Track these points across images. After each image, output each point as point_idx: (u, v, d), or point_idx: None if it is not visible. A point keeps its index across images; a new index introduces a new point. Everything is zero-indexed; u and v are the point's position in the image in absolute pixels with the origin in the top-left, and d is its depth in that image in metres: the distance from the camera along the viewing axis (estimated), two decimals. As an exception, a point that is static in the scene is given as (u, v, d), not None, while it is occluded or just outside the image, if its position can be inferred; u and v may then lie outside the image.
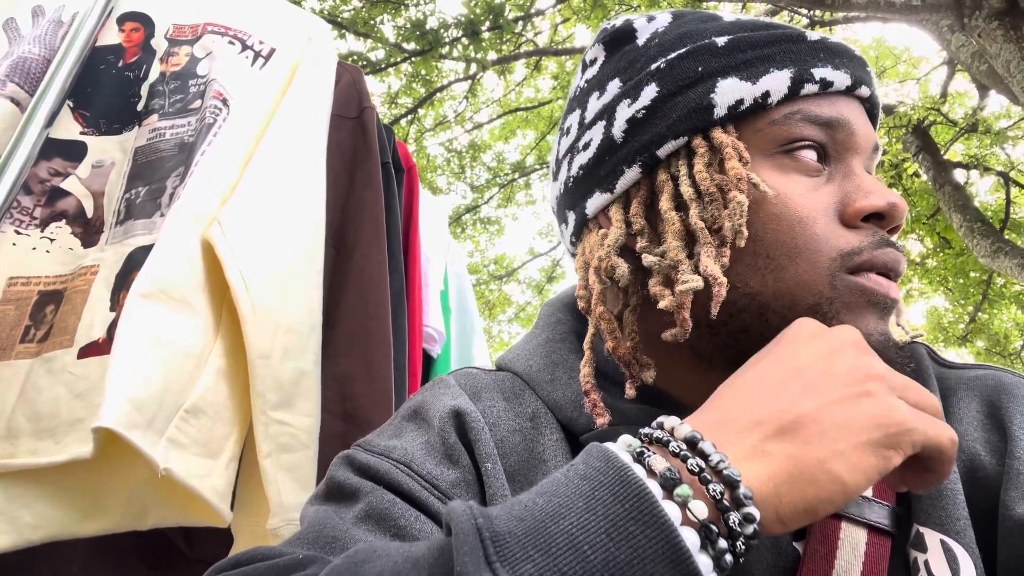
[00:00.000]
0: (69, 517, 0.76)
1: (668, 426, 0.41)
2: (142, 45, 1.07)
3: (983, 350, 7.45)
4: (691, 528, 0.35)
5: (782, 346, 0.45)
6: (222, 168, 0.91)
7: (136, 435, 0.69)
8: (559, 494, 0.37)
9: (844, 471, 0.37)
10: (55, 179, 0.95)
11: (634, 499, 0.35)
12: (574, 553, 0.33)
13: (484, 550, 0.34)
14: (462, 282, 1.71)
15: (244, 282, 0.83)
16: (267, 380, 0.82)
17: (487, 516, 0.36)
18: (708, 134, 0.54)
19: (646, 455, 0.38)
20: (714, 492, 0.36)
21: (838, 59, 0.55)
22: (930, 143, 5.86)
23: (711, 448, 0.38)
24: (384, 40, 6.26)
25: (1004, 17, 3.65)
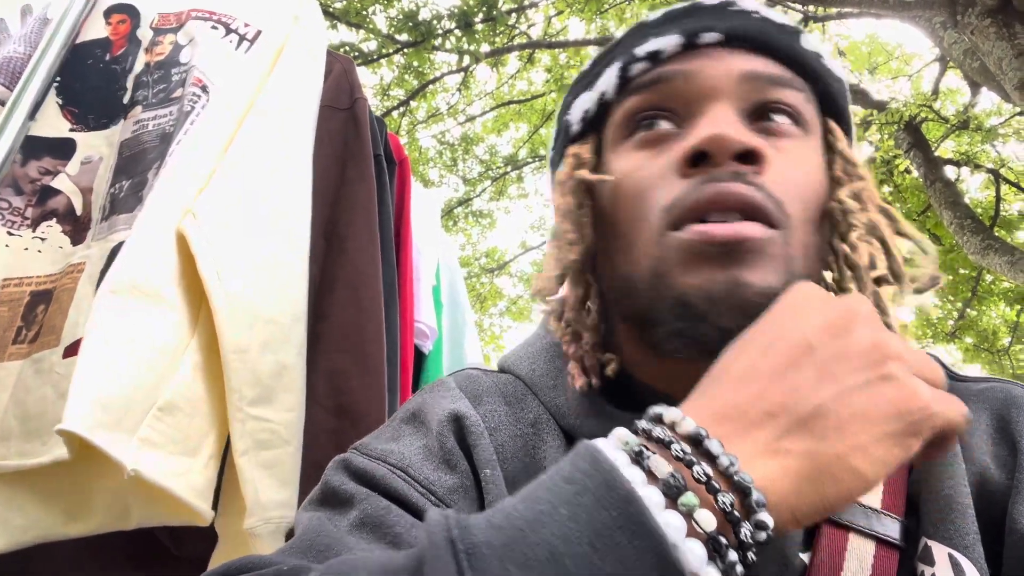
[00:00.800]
0: (56, 518, 0.75)
1: (668, 420, 0.38)
2: (128, 36, 1.05)
3: (971, 346, 7.50)
4: (697, 540, 0.33)
5: (785, 318, 0.42)
6: (198, 156, 0.88)
7: (101, 436, 0.67)
8: (542, 500, 0.34)
9: (865, 466, 0.35)
10: (45, 178, 0.94)
11: (621, 505, 0.32)
12: (554, 567, 0.31)
13: (457, 564, 0.31)
14: (454, 276, 1.69)
15: (217, 273, 0.80)
16: (243, 375, 0.79)
17: (464, 526, 0.33)
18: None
19: (645, 456, 0.35)
20: (723, 503, 0.34)
21: (670, 25, 0.57)
22: (921, 140, 5.88)
23: (719, 449, 0.35)
24: (376, 31, 6.22)
25: (997, 14, 3.65)
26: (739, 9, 0.56)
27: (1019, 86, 3.57)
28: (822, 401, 0.37)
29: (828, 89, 0.57)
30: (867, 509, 0.47)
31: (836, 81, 0.58)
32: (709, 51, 0.54)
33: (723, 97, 0.52)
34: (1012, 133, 6.02)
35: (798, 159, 0.52)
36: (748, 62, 0.54)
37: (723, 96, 0.53)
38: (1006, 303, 7.19)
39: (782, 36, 0.56)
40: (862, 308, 0.41)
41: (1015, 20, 3.59)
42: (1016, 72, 3.57)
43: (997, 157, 6.54)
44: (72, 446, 0.69)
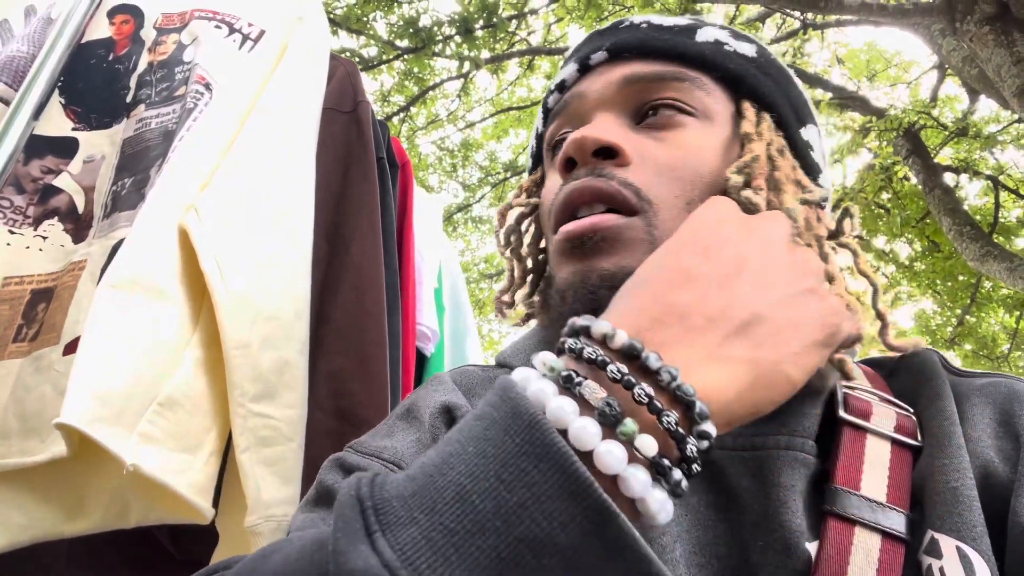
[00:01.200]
0: (54, 517, 0.74)
1: (597, 333, 0.36)
2: (132, 36, 1.05)
3: (970, 353, 7.50)
4: (639, 465, 0.32)
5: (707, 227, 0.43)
6: (201, 153, 0.88)
7: (100, 430, 0.67)
8: (452, 441, 0.33)
9: (795, 372, 0.37)
10: (47, 176, 0.94)
11: (525, 431, 0.31)
12: (462, 504, 0.30)
13: (364, 520, 0.30)
14: (456, 279, 1.69)
15: (219, 269, 0.80)
16: (245, 370, 0.79)
17: (378, 483, 0.32)
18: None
19: (575, 381, 0.34)
20: (668, 423, 0.33)
21: (574, 55, 0.63)
22: (920, 147, 5.89)
23: (658, 363, 0.34)
24: (377, 37, 6.23)
25: (995, 22, 3.67)
26: (628, 25, 0.62)
27: (1018, 93, 3.58)
28: (759, 309, 0.38)
29: (730, 72, 0.59)
30: (872, 502, 0.46)
31: (745, 61, 0.60)
32: (598, 70, 0.60)
33: (606, 105, 0.58)
34: (1011, 140, 6.04)
35: (680, 143, 0.55)
36: (629, 68, 0.58)
37: (606, 104, 0.58)
38: (1005, 310, 7.19)
39: (667, 36, 0.59)
40: (783, 223, 0.44)
41: (1013, 27, 3.61)
42: (1015, 79, 3.58)
43: (996, 164, 6.56)
44: (71, 441, 0.69)
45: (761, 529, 0.46)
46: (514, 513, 0.29)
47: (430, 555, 0.29)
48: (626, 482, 0.32)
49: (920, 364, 0.57)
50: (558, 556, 0.29)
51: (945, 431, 0.48)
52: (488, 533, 0.29)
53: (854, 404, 0.52)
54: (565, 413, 0.32)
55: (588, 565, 0.29)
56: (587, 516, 0.29)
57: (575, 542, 0.29)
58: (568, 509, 0.29)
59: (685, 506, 0.48)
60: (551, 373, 0.35)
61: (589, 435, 0.32)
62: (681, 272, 0.40)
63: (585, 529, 0.29)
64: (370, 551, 0.29)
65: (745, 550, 0.46)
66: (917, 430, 0.51)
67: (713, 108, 0.57)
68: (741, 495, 0.48)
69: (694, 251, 0.41)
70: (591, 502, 0.29)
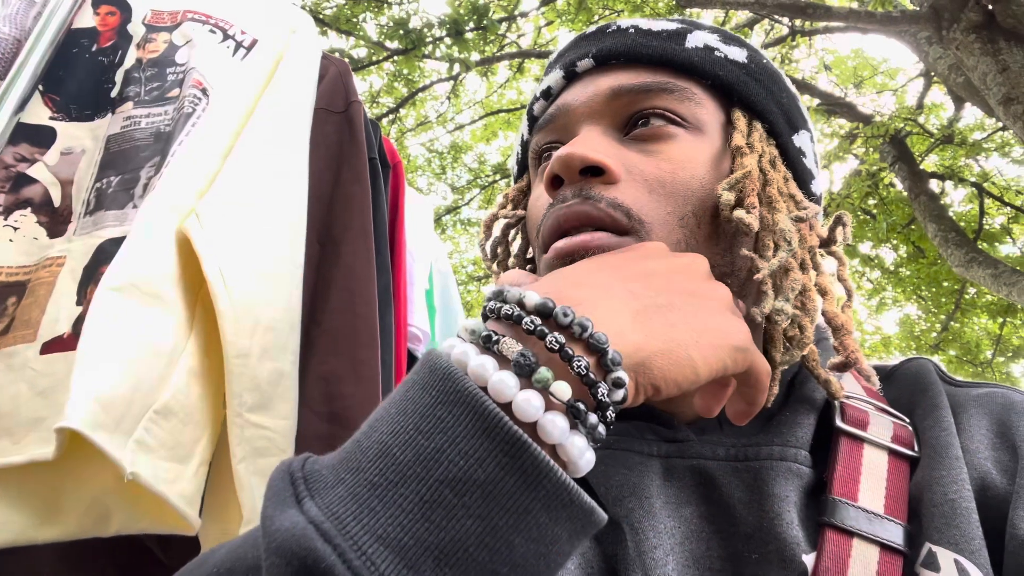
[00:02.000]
0: (26, 522, 0.72)
1: (513, 297, 0.38)
2: (117, 30, 1.03)
3: (954, 358, 7.57)
4: (557, 412, 0.33)
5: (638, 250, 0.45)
6: (201, 159, 0.87)
7: (102, 437, 0.65)
8: (378, 409, 0.35)
9: (701, 363, 0.38)
10: (20, 165, 0.90)
11: (440, 383, 0.33)
12: (384, 459, 0.31)
13: (294, 489, 0.32)
14: (447, 281, 1.68)
15: (222, 277, 0.79)
16: (244, 380, 0.78)
17: (312, 459, 0.34)
18: None
19: (494, 339, 0.35)
20: (579, 368, 0.34)
21: (559, 61, 0.62)
22: (906, 153, 5.95)
23: (569, 314, 0.36)
24: (366, 38, 6.21)
25: (981, 30, 3.71)
26: (615, 29, 0.60)
27: (1003, 101, 3.62)
28: (675, 302, 0.40)
29: (720, 79, 0.57)
30: (870, 514, 0.46)
31: (736, 68, 0.58)
32: (585, 78, 0.59)
33: (594, 118, 0.56)
34: (995, 148, 6.11)
35: (670, 158, 0.53)
36: (616, 79, 0.56)
37: (594, 117, 0.56)
38: (989, 316, 7.27)
39: (655, 43, 0.57)
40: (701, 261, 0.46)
41: (999, 36, 3.65)
42: (1000, 87, 3.62)
43: (980, 171, 6.64)
44: (61, 446, 0.67)
45: (755, 541, 0.45)
46: (432, 458, 0.30)
47: (355, 508, 0.30)
48: (544, 428, 0.33)
49: (915, 374, 0.56)
50: (478, 492, 0.30)
51: (943, 442, 0.48)
52: (410, 480, 0.30)
53: (851, 413, 0.52)
54: (484, 370, 0.34)
55: (507, 497, 0.30)
56: (501, 449, 0.31)
57: (492, 475, 0.30)
58: (483, 446, 0.31)
59: (678, 518, 0.48)
60: (472, 336, 0.37)
61: (507, 387, 0.33)
62: (606, 263, 0.43)
63: (501, 462, 0.30)
64: (297, 512, 0.30)
65: (739, 563, 0.45)
66: (914, 440, 0.51)
67: (703, 118, 0.56)
68: (734, 507, 0.47)
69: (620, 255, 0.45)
70: (503, 435, 0.31)
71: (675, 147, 0.54)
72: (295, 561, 0.29)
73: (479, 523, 0.30)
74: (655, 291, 0.40)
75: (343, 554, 0.29)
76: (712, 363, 0.39)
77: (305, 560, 0.29)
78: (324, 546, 0.29)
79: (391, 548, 0.29)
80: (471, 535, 0.30)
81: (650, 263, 0.43)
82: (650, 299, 0.40)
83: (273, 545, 0.29)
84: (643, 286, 0.40)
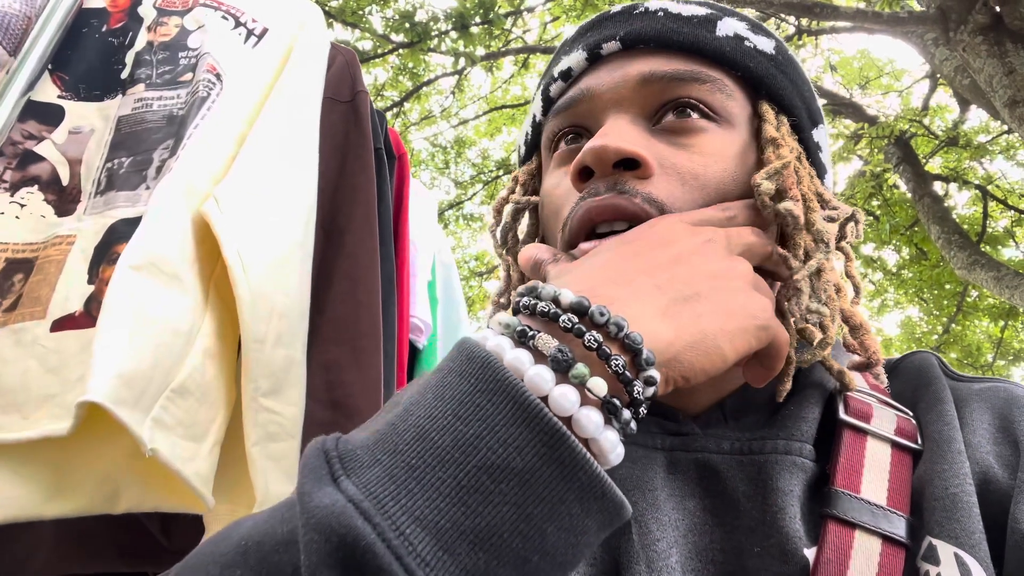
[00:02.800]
0: (33, 497, 0.72)
1: (547, 294, 0.38)
2: (128, 11, 1.03)
3: (955, 361, 7.57)
4: (592, 407, 0.34)
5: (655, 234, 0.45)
6: (217, 144, 0.87)
7: (124, 412, 0.66)
8: (413, 394, 0.35)
9: (728, 348, 0.39)
10: (28, 142, 0.91)
11: (479, 371, 0.33)
12: (422, 442, 0.31)
13: (330, 467, 0.32)
14: (449, 273, 1.68)
15: (242, 262, 0.80)
16: (260, 366, 0.79)
17: (344, 439, 0.34)
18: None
19: (530, 334, 0.36)
20: (616, 365, 0.35)
21: (579, 41, 0.59)
22: (911, 155, 5.94)
23: (605, 314, 0.36)
24: (372, 31, 6.21)
25: (988, 32, 3.70)
26: (642, 11, 0.57)
27: (1009, 103, 3.61)
28: (701, 289, 0.41)
29: (751, 71, 0.56)
30: (872, 506, 0.46)
31: (765, 59, 0.57)
32: (611, 61, 0.56)
33: (623, 105, 0.53)
34: (1000, 150, 6.10)
35: (703, 152, 0.52)
36: (647, 64, 0.54)
37: (623, 104, 0.53)
38: (990, 319, 7.27)
39: (686, 29, 0.55)
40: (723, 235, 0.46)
41: (1006, 38, 3.64)
42: (1006, 90, 3.61)
43: (985, 174, 6.63)
44: (77, 421, 0.67)
45: (758, 534, 0.45)
46: (471, 444, 0.31)
47: (393, 488, 0.30)
48: (579, 423, 0.33)
49: (918, 367, 0.56)
50: (515, 480, 0.31)
51: (945, 436, 0.48)
52: (448, 464, 0.31)
53: (855, 406, 0.51)
54: (521, 363, 0.34)
55: (544, 486, 0.31)
56: (540, 439, 0.31)
57: (530, 464, 0.31)
58: (522, 435, 0.31)
59: (682, 511, 0.48)
60: (507, 330, 0.37)
61: (543, 380, 0.33)
62: (628, 253, 0.43)
63: (539, 452, 0.31)
64: (335, 490, 0.31)
65: (741, 555, 0.45)
66: (917, 433, 0.51)
67: (733, 111, 0.54)
68: (739, 500, 0.47)
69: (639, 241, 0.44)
70: (543, 426, 0.31)
71: (707, 140, 0.52)
72: (334, 538, 0.29)
73: (514, 510, 0.30)
74: (681, 282, 0.41)
75: (382, 533, 0.29)
76: (739, 346, 0.40)
77: (345, 538, 0.29)
78: (364, 524, 0.29)
79: (428, 530, 0.29)
80: (506, 522, 0.30)
81: (672, 248, 0.43)
82: (676, 291, 0.40)
83: (312, 521, 0.30)
84: (669, 278, 0.41)
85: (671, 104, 0.53)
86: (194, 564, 0.35)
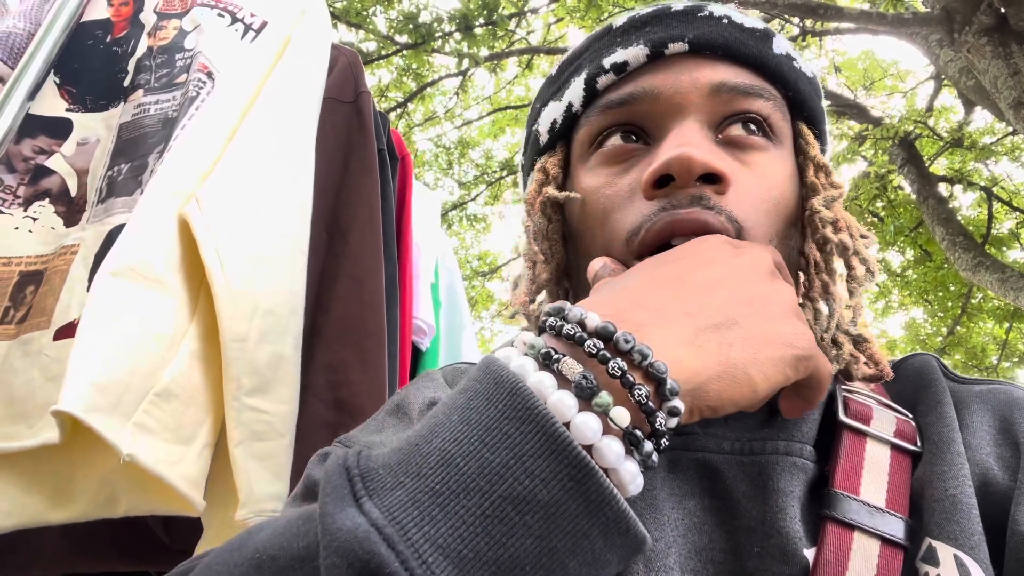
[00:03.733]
0: (38, 504, 0.73)
1: (574, 316, 0.37)
2: (131, 19, 1.04)
3: (960, 363, 7.55)
4: (614, 437, 0.33)
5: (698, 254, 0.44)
6: (203, 143, 0.87)
7: (98, 419, 0.66)
8: (438, 414, 0.35)
9: (759, 379, 0.37)
10: (39, 157, 0.92)
11: (507, 398, 0.32)
12: (446, 468, 0.31)
13: (351, 487, 0.31)
14: (452, 275, 1.69)
15: (220, 261, 0.79)
16: (241, 364, 0.78)
17: (365, 456, 0.34)
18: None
19: (554, 358, 0.35)
20: (639, 396, 0.34)
21: (636, 34, 0.55)
22: (915, 156, 5.92)
23: (630, 341, 0.35)
24: (376, 32, 6.21)
25: (993, 33, 3.69)
26: (707, 15, 0.55)
27: (1014, 105, 3.60)
28: (734, 316, 0.39)
29: (799, 93, 0.56)
30: (871, 507, 0.46)
31: (808, 83, 0.57)
32: (675, 62, 0.53)
33: (690, 112, 0.52)
34: (1005, 152, 6.08)
35: (766, 173, 0.52)
36: (716, 72, 0.52)
37: (690, 111, 0.52)
38: (995, 321, 7.25)
39: (751, 42, 0.54)
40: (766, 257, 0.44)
41: (1011, 39, 3.63)
42: (1011, 91, 3.60)
43: (990, 175, 6.61)
44: (64, 429, 0.67)
45: (758, 535, 0.45)
46: (497, 473, 0.30)
47: (416, 514, 0.30)
48: (600, 452, 0.33)
49: (919, 369, 0.56)
50: (540, 512, 0.30)
51: (945, 438, 0.48)
52: (472, 493, 0.30)
53: (854, 408, 0.52)
54: (544, 387, 0.34)
55: (568, 520, 0.30)
56: (568, 473, 0.30)
57: (556, 498, 0.30)
58: (549, 467, 0.30)
59: (681, 510, 0.48)
60: (531, 351, 0.36)
61: (566, 407, 0.33)
62: (664, 275, 0.42)
63: (566, 486, 0.30)
64: (357, 512, 0.30)
65: (740, 556, 0.45)
66: (917, 435, 0.51)
67: (784, 131, 0.55)
68: (739, 500, 0.47)
69: (678, 263, 0.43)
70: (571, 459, 0.31)
71: (767, 160, 0.52)
72: (356, 564, 0.29)
73: (538, 543, 0.30)
74: (714, 309, 0.39)
75: (405, 561, 0.29)
76: (772, 376, 0.38)
77: (368, 564, 0.29)
78: (387, 551, 0.29)
79: (450, 559, 0.29)
80: (529, 554, 0.30)
81: (711, 270, 0.42)
82: (707, 319, 0.39)
83: (334, 544, 0.29)
84: (701, 304, 0.39)
85: (738, 117, 0.53)
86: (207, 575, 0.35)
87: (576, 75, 0.57)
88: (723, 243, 0.45)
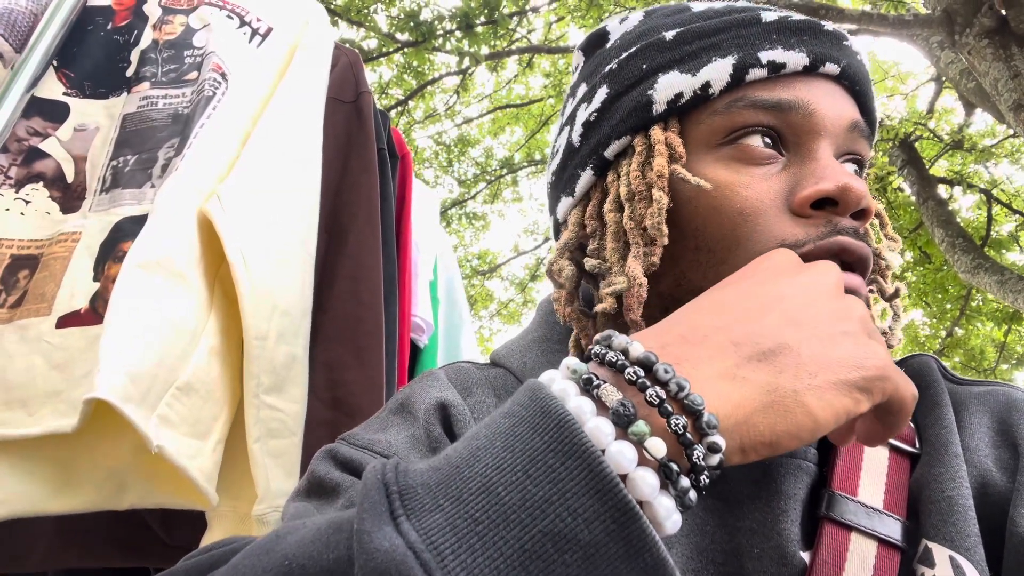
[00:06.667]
0: (38, 493, 0.72)
1: (619, 345, 0.37)
2: (133, 9, 1.03)
3: (959, 365, 7.55)
4: (649, 468, 0.32)
5: (760, 273, 0.42)
6: (221, 143, 0.88)
7: (131, 409, 0.66)
8: (480, 436, 0.34)
9: (817, 407, 0.35)
10: (33, 139, 0.91)
11: (554, 429, 0.32)
12: (487, 496, 0.30)
13: (389, 504, 0.31)
14: (451, 273, 1.69)
15: (244, 260, 0.81)
16: (262, 362, 0.80)
17: (402, 470, 0.33)
18: (648, 132, 0.54)
19: (595, 384, 0.35)
20: (676, 426, 0.33)
21: (795, 38, 0.53)
22: (916, 157, 5.93)
23: (669, 372, 0.35)
24: (377, 29, 6.21)
25: (994, 35, 3.69)
26: (849, 45, 0.55)
27: (1014, 107, 3.60)
28: (785, 340, 0.37)
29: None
30: (869, 508, 0.46)
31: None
32: (823, 83, 0.53)
33: (828, 138, 0.51)
34: (1005, 154, 6.08)
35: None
36: (854, 111, 0.53)
37: (829, 138, 0.51)
38: (994, 323, 7.25)
39: (870, 86, 0.56)
40: (834, 274, 0.42)
41: (1012, 42, 3.63)
42: (1012, 93, 3.60)
43: (990, 178, 6.61)
44: (84, 417, 0.67)
45: (759, 536, 0.46)
46: (539, 507, 0.30)
47: (454, 541, 0.29)
48: (635, 483, 0.32)
49: (917, 371, 0.56)
50: (579, 552, 0.29)
51: (943, 439, 0.48)
52: (512, 525, 0.29)
53: None
54: (582, 412, 0.33)
55: (607, 563, 0.30)
56: (611, 515, 0.29)
57: (597, 539, 0.29)
58: (593, 507, 0.29)
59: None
60: (574, 376, 0.36)
61: (603, 434, 0.32)
62: (719, 303, 0.41)
63: (608, 528, 0.29)
64: (395, 532, 0.29)
65: (741, 557, 0.46)
66: (915, 437, 0.51)
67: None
68: (742, 502, 0.47)
69: (738, 288, 0.42)
70: (616, 501, 0.30)
71: None
72: None
73: None
74: (762, 335, 0.37)
75: None
76: (834, 402, 0.35)
77: None
78: None
79: None
80: None
81: (774, 287, 0.41)
82: (753, 347, 0.37)
83: (371, 565, 0.29)
84: (747, 332, 0.38)
85: (853, 157, 0.54)
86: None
87: (717, 55, 0.53)
88: (790, 260, 0.44)
